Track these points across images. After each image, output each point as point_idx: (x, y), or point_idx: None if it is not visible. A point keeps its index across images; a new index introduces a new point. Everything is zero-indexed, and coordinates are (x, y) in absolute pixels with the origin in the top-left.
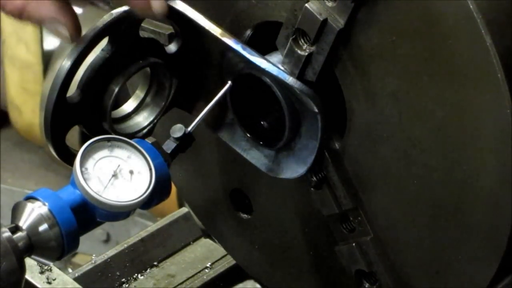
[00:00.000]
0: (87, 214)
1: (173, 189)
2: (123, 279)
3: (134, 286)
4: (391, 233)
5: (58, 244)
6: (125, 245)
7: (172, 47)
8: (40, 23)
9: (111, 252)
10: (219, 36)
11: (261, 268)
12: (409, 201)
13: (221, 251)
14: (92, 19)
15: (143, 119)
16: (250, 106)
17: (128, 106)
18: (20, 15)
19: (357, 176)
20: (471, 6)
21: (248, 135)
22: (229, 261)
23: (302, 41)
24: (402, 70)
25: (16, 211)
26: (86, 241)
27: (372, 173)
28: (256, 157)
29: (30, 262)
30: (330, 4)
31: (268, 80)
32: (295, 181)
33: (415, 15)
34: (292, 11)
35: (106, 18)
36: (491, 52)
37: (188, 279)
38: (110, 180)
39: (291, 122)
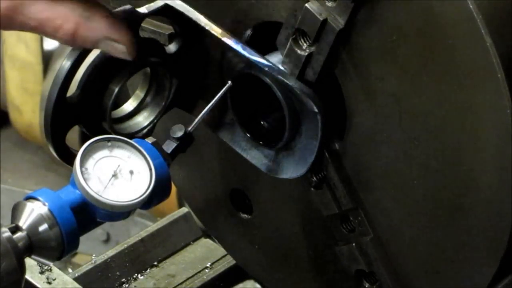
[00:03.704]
0: (87, 214)
1: (173, 189)
2: (123, 279)
3: (134, 286)
4: (391, 233)
5: (58, 244)
6: (125, 245)
7: (172, 47)
8: (95, 45)
9: (111, 252)
10: (219, 36)
11: (261, 268)
12: (409, 201)
13: (221, 251)
14: None
15: (143, 119)
16: (250, 106)
17: (128, 106)
18: (73, 40)
19: (357, 176)
20: (471, 6)
21: (248, 135)
22: (229, 261)
23: (302, 41)
24: (402, 70)
25: (16, 211)
26: (86, 241)
27: (372, 173)
28: (256, 157)
29: (30, 262)
30: (330, 4)
31: (268, 80)
32: (295, 181)
33: (415, 15)
34: (292, 11)
35: None
36: (491, 52)
37: (188, 279)
38: (110, 180)
39: (291, 122)
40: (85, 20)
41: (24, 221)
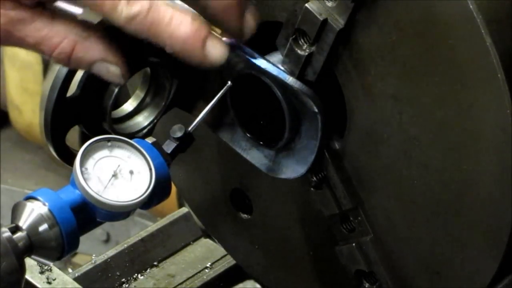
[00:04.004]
0: (87, 214)
1: (173, 189)
2: (123, 279)
3: (134, 286)
4: (391, 233)
5: (58, 244)
6: (125, 245)
7: None
8: (90, 67)
9: (111, 252)
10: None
11: (261, 268)
12: (409, 201)
13: (221, 251)
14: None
15: (143, 119)
16: (250, 106)
17: (128, 106)
18: (68, 59)
19: (357, 176)
20: (471, 6)
21: (248, 135)
22: (229, 261)
23: (302, 41)
24: (402, 70)
25: (16, 211)
26: (86, 241)
27: (372, 173)
28: (256, 157)
29: (30, 262)
30: (330, 4)
31: (268, 80)
32: (295, 181)
33: (415, 15)
34: (292, 11)
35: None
36: (491, 52)
37: (188, 279)
38: (110, 180)
39: (291, 122)
40: (82, 40)
41: (24, 221)
